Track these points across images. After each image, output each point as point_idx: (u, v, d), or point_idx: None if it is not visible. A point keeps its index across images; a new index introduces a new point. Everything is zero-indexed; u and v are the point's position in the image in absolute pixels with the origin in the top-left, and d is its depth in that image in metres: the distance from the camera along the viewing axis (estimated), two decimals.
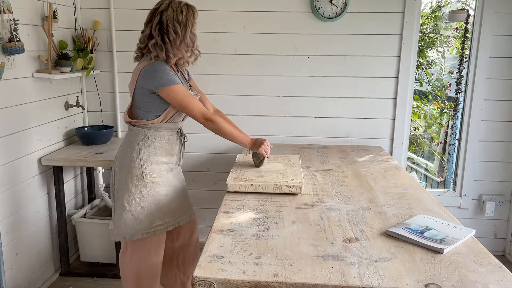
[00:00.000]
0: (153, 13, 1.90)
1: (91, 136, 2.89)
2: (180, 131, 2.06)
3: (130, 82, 1.98)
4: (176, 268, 2.22)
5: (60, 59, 2.67)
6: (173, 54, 1.91)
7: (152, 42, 1.87)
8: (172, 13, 1.86)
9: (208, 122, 1.94)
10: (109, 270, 2.84)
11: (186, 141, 2.10)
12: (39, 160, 2.60)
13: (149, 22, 1.91)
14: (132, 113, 1.98)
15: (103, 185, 3.01)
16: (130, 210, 1.92)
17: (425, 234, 1.46)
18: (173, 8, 1.88)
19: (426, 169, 4.57)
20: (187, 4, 1.92)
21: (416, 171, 4.53)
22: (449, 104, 4.07)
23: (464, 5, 3.86)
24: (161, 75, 1.85)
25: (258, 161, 2.15)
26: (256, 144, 2.08)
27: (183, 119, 2.04)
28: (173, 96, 1.87)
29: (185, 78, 2.09)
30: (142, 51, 1.95)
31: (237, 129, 2.08)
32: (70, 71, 2.75)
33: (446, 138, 4.34)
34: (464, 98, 3.13)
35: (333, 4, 2.90)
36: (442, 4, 4.21)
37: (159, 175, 1.97)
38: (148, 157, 1.94)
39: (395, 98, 3.04)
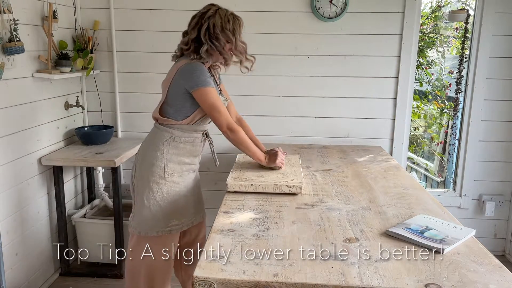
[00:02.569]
0: (201, 17, 1.91)
1: (91, 136, 2.89)
2: (206, 133, 2.06)
3: (164, 80, 1.99)
4: (179, 266, 2.22)
5: (60, 59, 2.67)
6: (213, 59, 1.95)
7: (204, 48, 1.88)
8: (220, 20, 1.89)
9: (231, 132, 1.94)
10: (109, 270, 2.84)
11: (211, 143, 2.11)
12: (39, 160, 2.60)
13: (195, 25, 1.91)
14: (162, 111, 1.98)
15: (103, 185, 3.01)
16: (149, 206, 1.93)
17: (425, 234, 1.46)
18: (220, 15, 1.90)
19: (426, 169, 4.56)
20: (233, 14, 1.95)
21: (416, 171, 4.54)
22: (449, 104, 4.07)
23: (464, 5, 3.86)
24: (198, 75, 1.86)
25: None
26: (271, 159, 2.10)
27: (209, 122, 2.04)
28: (205, 98, 1.88)
29: (217, 82, 2.10)
30: (183, 52, 1.97)
31: (254, 144, 2.07)
32: (70, 71, 2.75)
33: (446, 138, 4.34)
34: (464, 98, 3.13)
35: (333, 4, 2.90)
36: (442, 4, 4.20)
37: (180, 175, 1.98)
38: (172, 157, 1.95)
39: (395, 98, 3.04)
